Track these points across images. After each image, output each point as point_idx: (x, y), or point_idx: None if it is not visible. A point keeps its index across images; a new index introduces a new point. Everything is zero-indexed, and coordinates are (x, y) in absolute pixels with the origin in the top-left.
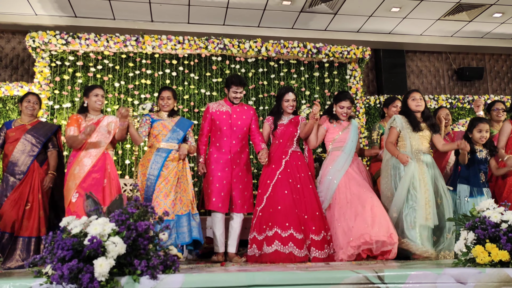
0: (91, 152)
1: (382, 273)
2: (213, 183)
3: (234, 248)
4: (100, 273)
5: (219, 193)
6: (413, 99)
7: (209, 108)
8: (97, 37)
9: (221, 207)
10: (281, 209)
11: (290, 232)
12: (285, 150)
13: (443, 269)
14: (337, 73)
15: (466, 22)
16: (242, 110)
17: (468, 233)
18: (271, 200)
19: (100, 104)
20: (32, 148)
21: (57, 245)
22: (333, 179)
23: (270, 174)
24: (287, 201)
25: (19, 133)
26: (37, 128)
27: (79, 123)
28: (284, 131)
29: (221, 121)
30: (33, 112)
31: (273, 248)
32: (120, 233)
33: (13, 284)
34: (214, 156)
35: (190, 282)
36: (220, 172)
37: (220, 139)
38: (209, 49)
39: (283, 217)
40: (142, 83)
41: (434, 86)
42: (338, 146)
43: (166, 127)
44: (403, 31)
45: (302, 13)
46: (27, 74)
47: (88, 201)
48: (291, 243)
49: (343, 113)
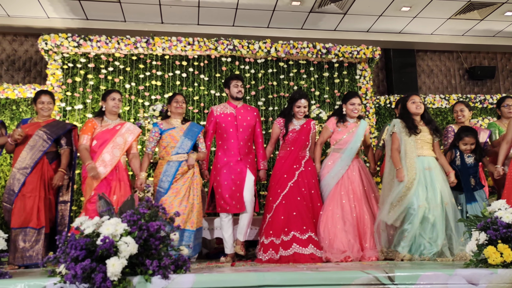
0: (107, 161)
1: (393, 274)
2: (223, 185)
3: (242, 236)
4: (113, 273)
5: (230, 195)
6: (413, 102)
7: (213, 112)
8: (108, 39)
9: (229, 209)
10: (297, 214)
11: (309, 234)
12: (298, 159)
13: (454, 270)
14: (347, 73)
15: (477, 21)
16: (246, 111)
17: (480, 233)
18: (283, 208)
19: (117, 108)
20: (42, 144)
21: (70, 245)
22: (328, 185)
23: (282, 184)
24: (301, 206)
25: (32, 129)
26: (51, 125)
27: (94, 129)
28: (296, 139)
29: (226, 123)
30: (48, 112)
31: (292, 250)
32: (132, 233)
33: (28, 283)
34: (223, 159)
35: (201, 282)
36: (231, 174)
37: (227, 141)
38: (219, 50)
39: (300, 221)
40: (153, 84)
41: (445, 86)
42: (339, 148)
43: (174, 138)
44: (413, 31)
45: (311, 14)
46: (40, 76)
47: (100, 202)
48: (311, 245)
49: (354, 110)
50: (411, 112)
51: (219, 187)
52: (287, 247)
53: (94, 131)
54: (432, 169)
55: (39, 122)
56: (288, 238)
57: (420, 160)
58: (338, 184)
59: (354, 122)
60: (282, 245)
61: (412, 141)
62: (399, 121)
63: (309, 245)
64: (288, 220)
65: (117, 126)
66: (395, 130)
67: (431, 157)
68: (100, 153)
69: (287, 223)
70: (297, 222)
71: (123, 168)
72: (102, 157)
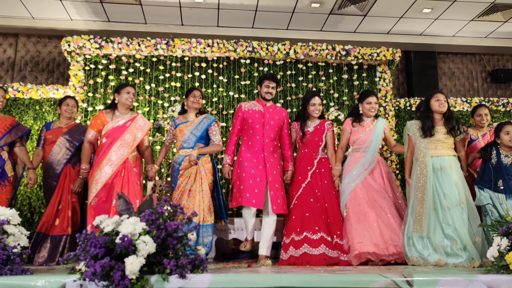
0: (113, 161)
1: (411, 278)
2: (247, 179)
3: (265, 249)
4: (131, 271)
5: (253, 189)
6: (437, 100)
7: (241, 107)
8: (129, 41)
9: (255, 203)
10: (309, 215)
11: (321, 235)
12: (311, 160)
13: (475, 276)
14: (367, 75)
15: (501, 23)
16: (275, 111)
17: (502, 239)
18: (297, 209)
19: (131, 101)
20: (66, 152)
21: (90, 243)
22: (349, 183)
23: (296, 186)
24: (314, 207)
25: (55, 135)
26: (72, 131)
27: (104, 126)
28: (310, 140)
29: (253, 119)
30: (72, 115)
31: (302, 250)
32: (150, 232)
33: (48, 280)
34: (247, 154)
35: (217, 282)
36: (254, 169)
37: (253, 137)
38: (238, 52)
39: (313, 221)
40: (172, 85)
41: (467, 89)
42: (358, 148)
43: (182, 132)
44: (435, 32)
45: (331, 15)
46: (63, 77)
47: (119, 201)
48: (323, 245)
49: (371, 109)
50: (433, 110)
51: (241, 181)
52: (298, 246)
53: (103, 127)
54: (445, 168)
55: (61, 127)
56: (299, 238)
57: (433, 161)
58: (360, 186)
59: (370, 121)
60: (294, 245)
61: (425, 142)
62: (414, 123)
63: (320, 245)
64: (302, 220)
65: (127, 122)
66: (409, 132)
67: (447, 156)
68: (107, 152)
69: (300, 223)
70: (310, 222)
71: (131, 167)
72: (109, 156)
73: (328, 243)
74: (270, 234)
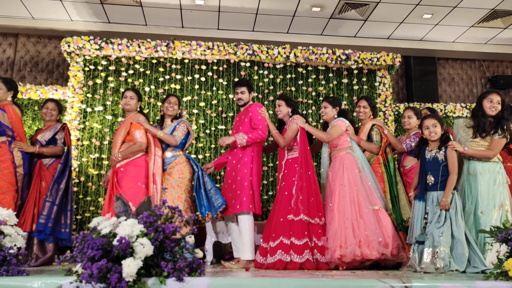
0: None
1: (410, 284)
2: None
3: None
4: (128, 274)
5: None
6: (490, 101)
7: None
8: (129, 43)
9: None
10: (284, 220)
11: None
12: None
13: (473, 282)
14: (366, 80)
15: (501, 29)
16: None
17: (501, 245)
18: (271, 215)
19: (127, 105)
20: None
21: (87, 245)
22: (332, 182)
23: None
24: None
25: (34, 137)
26: (44, 132)
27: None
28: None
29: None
30: (51, 117)
31: (276, 258)
32: (148, 234)
33: (44, 281)
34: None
35: (215, 286)
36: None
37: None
38: (238, 55)
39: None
40: (172, 87)
41: (467, 94)
42: (344, 148)
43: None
44: (435, 38)
45: (331, 20)
46: (62, 78)
47: (117, 203)
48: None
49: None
50: (484, 111)
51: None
52: (273, 253)
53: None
54: (476, 174)
55: (41, 129)
56: (275, 244)
57: (468, 165)
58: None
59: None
60: (270, 251)
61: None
62: (461, 121)
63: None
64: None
65: (121, 125)
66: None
67: (480, 162)
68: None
69: (275, 229)
70: (284, 228)
71: (118, 169)
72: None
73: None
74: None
